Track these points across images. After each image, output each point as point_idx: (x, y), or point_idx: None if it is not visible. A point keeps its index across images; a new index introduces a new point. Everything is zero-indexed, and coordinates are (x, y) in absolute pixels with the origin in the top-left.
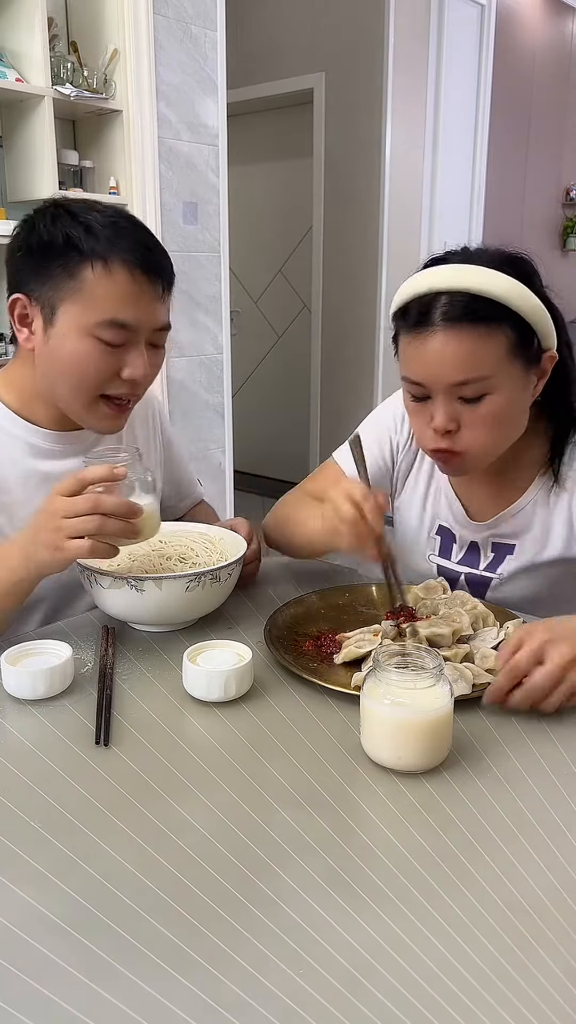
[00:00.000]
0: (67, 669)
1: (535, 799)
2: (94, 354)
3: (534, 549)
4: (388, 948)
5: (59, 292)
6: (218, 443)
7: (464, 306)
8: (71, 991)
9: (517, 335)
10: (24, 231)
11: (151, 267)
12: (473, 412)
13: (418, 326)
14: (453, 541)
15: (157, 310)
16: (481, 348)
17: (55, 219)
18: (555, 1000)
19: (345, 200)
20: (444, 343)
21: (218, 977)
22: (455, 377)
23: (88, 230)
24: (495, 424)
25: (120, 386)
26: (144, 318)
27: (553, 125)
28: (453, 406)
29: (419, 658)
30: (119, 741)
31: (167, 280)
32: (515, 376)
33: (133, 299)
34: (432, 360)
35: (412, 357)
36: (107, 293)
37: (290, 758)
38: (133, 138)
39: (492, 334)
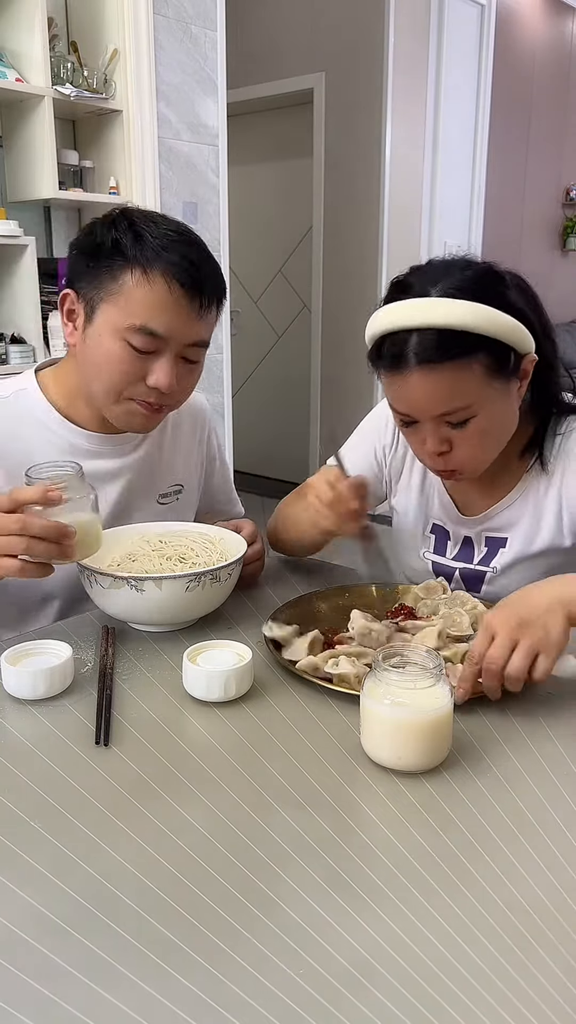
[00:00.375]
0: (67, 669)
1: (535, 799)
2: (123, 357)
3: (525, 540)
4: (388, 948)
5: (100, 292)
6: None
7: (435, 343)
8: (71, 991)
9: (493, 359)
10: (84, 231)
11: (192, 282)
12: (462, 433)
13: (394, 367)
14: (447, 538)
15: (192, 325)
16: (458, 381)
17: (113, 224)
18: (555, 1000)
19: (345, 200)
20: (422, 382)
21: (218, 977)
22: (437, 410)
23: (138, 238)
24: (486, 439)
25: (146, 392)
26: (176, 330)
27: (553, 125)
28: (442, 430)
29: (419, 658)
30: (119, 741)
31: (209, 298)
32: (497, 394)
33: (167, 310)
34: (413, 397)
35: (394, 393)
36: (143, 300)
37: (290, 758)
38: (133, 138)
39: (467, 365)
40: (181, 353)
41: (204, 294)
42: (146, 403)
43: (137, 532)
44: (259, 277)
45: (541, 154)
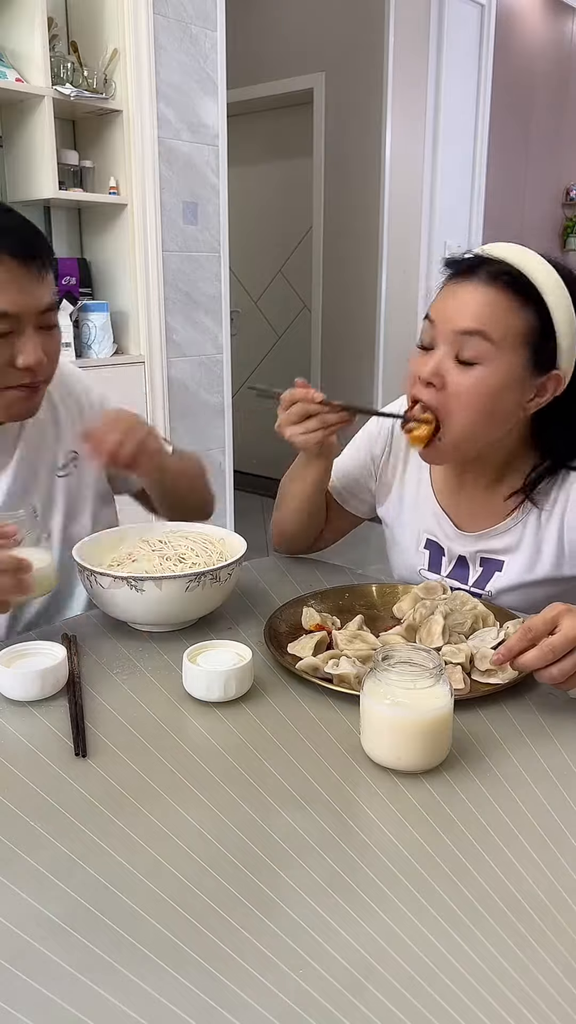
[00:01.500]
0: (60, 671)
1: (535, 799)
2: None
3: (524, 568)
4: (388, 948)
5: None
6: (218, 443)
7: (510, 275)
8: (71, 991)
9: (539, 328)
10: None
11: (21, 251)
12: (461, 375)
13: (463, 272)
14: (442, 555)
15: (36, 291)
16: (500, 311)
17: None
18: (555, 1000)
19: (345, 200)
20: (472, 291)
21: (218, 977)
22: (466, 323)
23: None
24: (475, 399)
25: (20, 376)
26: (25, 303)
27: (553, 125)
28: (447, 362)
29: (419, 658)
30: (119, 741)
31: (42, 259)
32: (515, 364)
33: (8, 287)
34: (456, 300)
35: (442, 295)
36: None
37: (290, 758)
38: (133, 138)
39: (517, 310)
40: (38, 323)
41: (36, 257)
42: (23, 386)
43: (137, 532)
44: (259, 277)
45: (541, 154)
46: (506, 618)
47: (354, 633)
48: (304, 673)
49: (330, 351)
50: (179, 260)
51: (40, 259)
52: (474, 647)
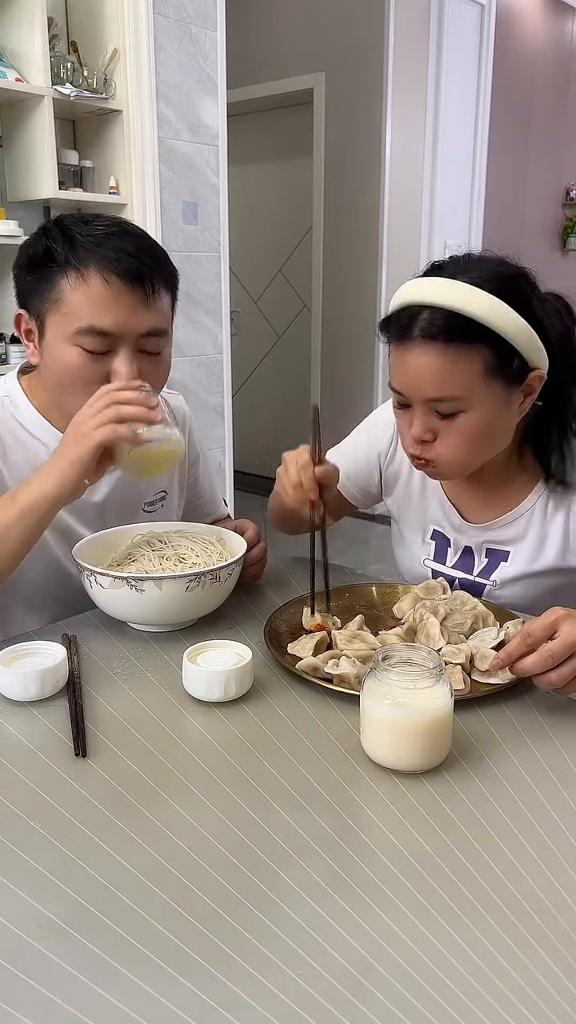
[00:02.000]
0: (60, 671)
1: (535, 799)
2: (79, 363)
3: (529, 557)
4: (388, 948)
5: (44, 304)
6: (218, 443)
7: (442, 323)
8: (71, 991)
9: (495, 356)
10: (21, 249)
11: (129, 271)
12: (448, 426)
13: (400, 338)
14: (448, 545)
15: (140, 314)
16: (454, 367)
17: (45, 234)
18: (555, 1000)
19: (345, 200)
20: (420, 358)
21: (218, 977)
22: (429, 393)
23: (68, 241)
24: (469, 440)
25: None
26: (124, 323)
27: (553, 125)
28: (430, 418)
29: (419, 658)
30: (119, 741)
31: (154, 284)
32: (493, 396)
33: (109, 305)
34: (410, 373)
35: (395, 367)
36: (83, 300)
37: (290, 758)
38: (133, 138)
39: (466, 354)
40: (138, 346)
41: (146, 281)
42: None
43: (137, 532)
44: (259, 277)
45: (541, 154)
46: (506, 618)
47: (354, 633)
48: (304, 673)
49: (330, 351)
50: (179, 260)
51: (152, 284)
52: (474, 647)
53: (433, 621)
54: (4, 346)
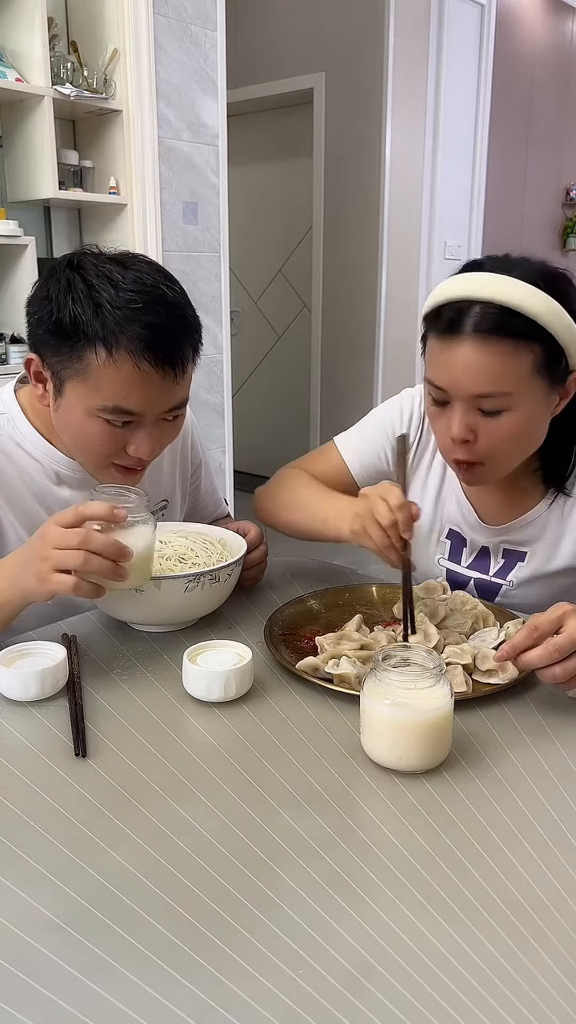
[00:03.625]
0: (60, 671)
1: (535, 799)
2: (100, 432)
3: (545, 557)
4: (388, 948)
5: (67, 368)
6: (218, 443)
7: (497, 318)
8: (71, 991)
9: (546, 354)
10: (39, 296)
11: (160, 356)
12: (491, 424)
13: (448, 332)
14: (463, 545)
15: (167, 394)
16: (507, 363)
17: (68, 290)
18: (555, 1000)
19: (345, 200)
20: (471, 353)
21: (218, 977)
22: (477, 389)
23: (97, 311)
24: (513, 440)
25: (127, 458)
26: (151, 405)
27: (553, 125)
28: (472, 416)
29: (419, 658)
30: (119, 741)
31: (182, 363)
32: (538, 394)
33: (138, 387)
34: (457, 368)
35: (438, 362)
36: (111, 381)
37: (290, 758)
38: (133, 138)
39: (520, 351)
40: (163, 417)
41: (175, 362)
42: (126, 468)
43: None
44: (259, 277)
45: (541, 154)
46: (506, 618)
47: (340, 635)
48: (304, 673)
49: (330, 351)
50: (179, 260)
51: (182, 364)
52: (474, 647)
53: (429, 625)
54: (4, 346)
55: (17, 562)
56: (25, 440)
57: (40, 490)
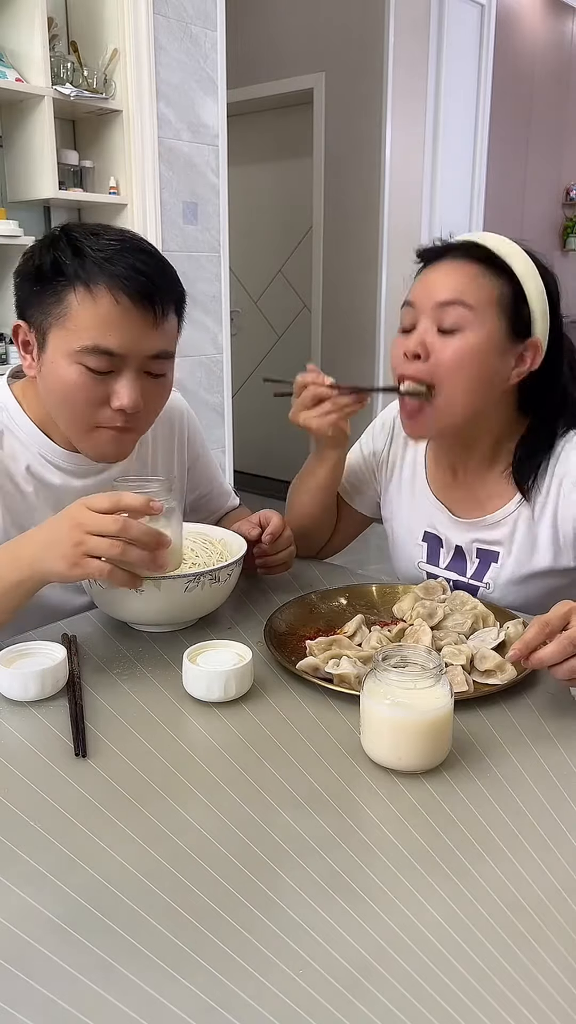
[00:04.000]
0: (60, 671)
1: (535, 799)
2: (81, 381)
3: (519, 559)
4: (388, 948)
5: (48, 318)
6: (218, 443)
7: (475, 250)
8: (71, 991)
9: (512, 296)
10: (24, 258)
11: (140, 292)
12: (445, 343)
13: (431, 258)
14: (440, 546)
15: (148, 336)
16: (473, 282)
17: (52, 244)
18: (555, 1000)
19: (345, 200)
20: (445, 269)
21: (218, 977)
22: (441, 295)
23: (77, 254)
24: (461, 364)
25: (112, 416)
26: (131, 345)
27: (553, 125)
28: (430, 335)
29: (419, 658)
30: (119, 741)
31: (163, 306)
32: (494, 329)
33: (117, 325)
34: (429, 283)
35: (416, 283)
36: (89, 318)
37: (290, 758)
38: (133, 138)
39: (488, 278)
40: (143, 367)
41: (156, 302)
42: (114, 428)
43: None
44: (259, 277)
45: (541, 154)
46: (506, 618)
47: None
48: (304, 673)
49: (330, 351)
50: (179, 260)
51: (162, 306)
52: (474, 647)
53: (425, 629)
54: (4, 346)
55: (38, 543)
56: (20, 430)
57: (32, 473)
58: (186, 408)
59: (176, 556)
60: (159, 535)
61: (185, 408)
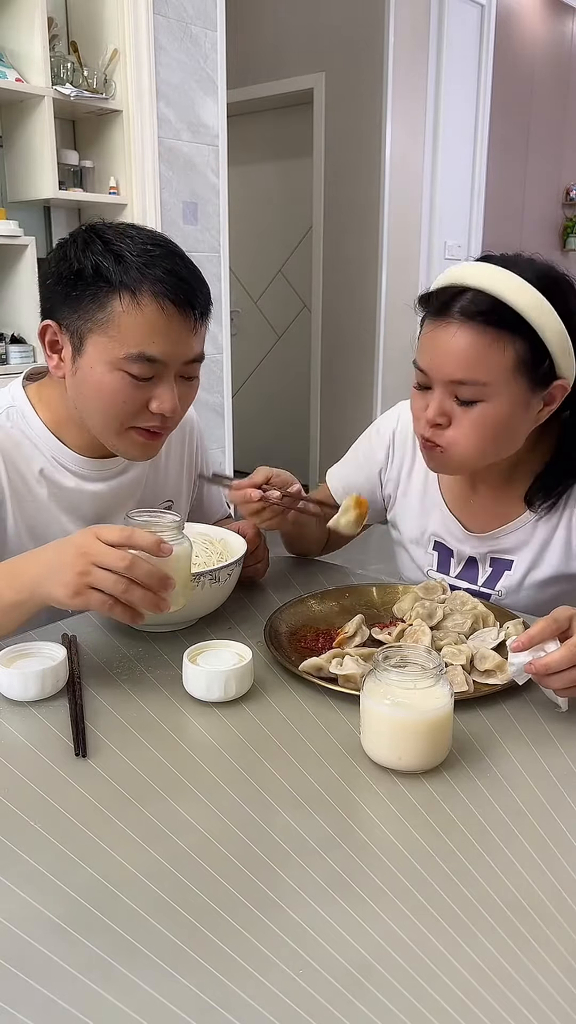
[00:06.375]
0: (60, 671)
1: (535, 799)
2: (122, 387)
3: (532, 565)
4: (388, 948)
5: (88, 323)
6: (218, 443)
7: (483, 306)
8: (71, 991)
9: (529, 351)
10: (56, 258)
11: (183, 298)
12: (464, 414)
13: (437, 314)
14: (451, 556)
15: (188, 343)
16: (487, 353)
17: (87, 246)
18: (555, 1000)
19: (345, 200)
20: (453, 336)
21: (218, 977)
22: (454, 374)
23: (119, 259)
24: (483, 433)
25: (149, 419)
26: (174, 352)
27: (553, 125)
28: (447, 402)
29: (419, 658)
30: (119, 741)
31: (200, 311)
32: (516, 392)
33: (162, 332)
34: (438, 351)
35: (423, 343)
36: (135, 326)
37: (290, 758)
38: (133, 138)
39: (503, 342)
40: (181, 372)
41: (195, 309)
42: (147, 431)
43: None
44: (259, 277)
45: (541, 154)
46: (506, 618)
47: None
48: (307, 674)
49: (330, 351)
50: None
51: (199, 311)
52: (474, 647)
53: (424, 629)
54: (4, 346)
55: (42, 565)
56: (33, 433)
57: (44, 476)
58: (196, 420)
59: (181, 596)
60: (164, 577)
61: (195, 420)
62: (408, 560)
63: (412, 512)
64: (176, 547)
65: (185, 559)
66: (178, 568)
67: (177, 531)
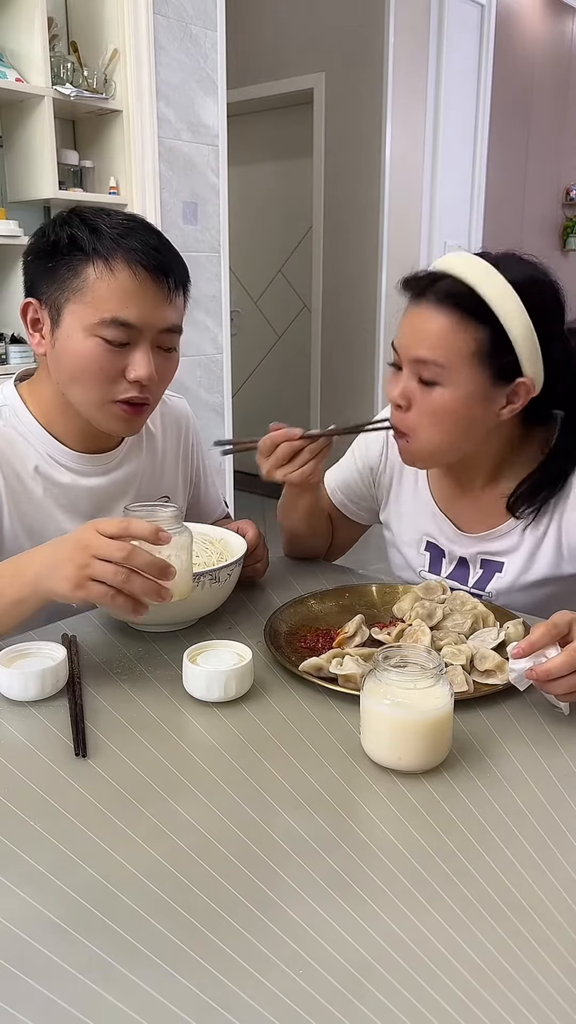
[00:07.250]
0: (60, 671)
1: (535, 799)
2: (98, 353)
3: (523, 567)
4: (388, 948)
5: (64, 292)
6: None
7: (452, 290)
8: (71, 991)
9: (491, 342)
10: (37, 236)
11: (156, 266)
12: (424, 398)
13: (414, 295)
14: (442, 556)
15: (162, 310)
16: (449, 335)
17: (65, 223)
18: (555, 1000)
19: (345, 200)
20: (422, 315)
21: (218, 977)
22: (418, 352)
23: (94, 231)
24: (438, 419)
25: (128, 388)
26: (147, 317)
27: (553, 125)
28: (411, 384)
29: (419, 658)
30: (119, 741)
31: (175, 280)
32: (474, 382)
33: (135, 297)
34: (408, 329)
35: (400, 324)
36: (109, 291)
37: (290, 758)
38: (133, 138)
39: (466, 328)
40: (156, 342)
41: (169, 277)
42: (128, 404)
43: None
44: (259, 277)
45: (541, 154)
46: (506, 618)
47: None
48: (307, 674)
49: (330, 351)
50: None
51: (173, 280)
52: (474, 647)
53: (424, 629)
54: (4, 346)
55: (43, 561)
56: (26, 430)
57: (39, 471)
58: (191, 415)
59: (182, 586)
60: (164, 565)
61: (190, 415)
62: (401, 561)
63: (405, 512)
64: (175, 536)
65: (185, 548)
66: (178, 557)
67: (176, 521)
